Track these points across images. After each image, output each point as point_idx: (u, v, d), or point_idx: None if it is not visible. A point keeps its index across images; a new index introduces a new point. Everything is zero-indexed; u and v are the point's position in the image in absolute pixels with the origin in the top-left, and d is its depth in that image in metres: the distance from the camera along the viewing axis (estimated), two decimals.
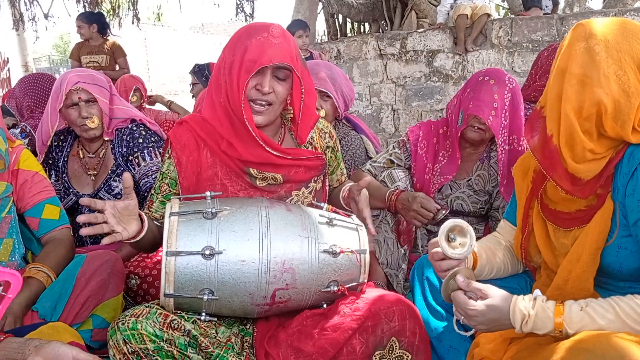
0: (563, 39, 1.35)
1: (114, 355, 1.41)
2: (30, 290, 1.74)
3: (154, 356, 1.40)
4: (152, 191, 1.78)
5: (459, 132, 2.25)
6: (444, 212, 2.10)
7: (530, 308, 1.29)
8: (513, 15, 6.74)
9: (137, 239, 1.53)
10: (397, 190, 2.21)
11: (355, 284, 1.58)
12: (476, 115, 2.17)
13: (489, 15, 5.65)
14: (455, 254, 1.43)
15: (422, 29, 6.27)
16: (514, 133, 2.21)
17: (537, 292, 1.33)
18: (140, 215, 1.54)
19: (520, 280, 1.68)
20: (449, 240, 1.45)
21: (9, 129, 2.87)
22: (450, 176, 2.31)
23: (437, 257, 1.48)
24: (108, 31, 6.00)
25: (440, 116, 5.86)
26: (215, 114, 1.69)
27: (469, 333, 1.52)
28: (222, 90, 1.65)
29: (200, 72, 4.36)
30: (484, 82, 2.20)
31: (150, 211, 1.75)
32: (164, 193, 1.74)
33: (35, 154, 2.49)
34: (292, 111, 1.78)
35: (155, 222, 1.72)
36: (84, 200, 1.46)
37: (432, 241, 1.52)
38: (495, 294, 1.34)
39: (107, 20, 6.20)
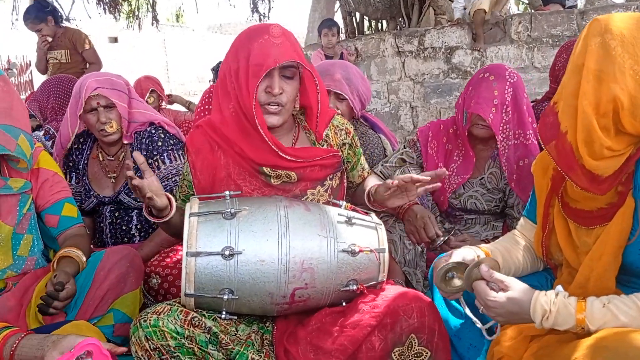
0: (579, 35, 1.34)
1: (136, 351, 1.43)
2: (73, 265, 1.81)
3: (175, 353, 1.42)
4: (176, 189, 1.87)
5: (465, 131, 2.25)
6: (441, 239, 2.09)
7: (551, 304, 1.28)
8: (532, 10, 6.66)
9: (169, 217, 1.61)
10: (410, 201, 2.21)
11: (374, 282, 1.58)
12: (477, 114, 2.17)
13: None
14: (447, 291, 1.48)
15: (440, 26, 6.23)
16: (520, 127, 2.20)
17: (559, 287, 1.32)
18: (167, 196, 1.61)
19: (540, 277, 1.67)
20: (446, 279, 1.47)
21: (32, 130, 2.91)
22: (467, 175, 2.30)
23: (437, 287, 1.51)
24: (61, 18, 5.00)
25: None
26: (223, 119, 1.70)
27: (493, 337, 1.51)
28: (230, 96, 1.66)
29: None
30: (483, 79, 2.20)
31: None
32: (184, 193, 1.81)
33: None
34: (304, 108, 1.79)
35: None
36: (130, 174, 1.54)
37: (435, 263, 1.54)
38: (517, 287, 1.33)
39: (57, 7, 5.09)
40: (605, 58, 1.24)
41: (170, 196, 1.63)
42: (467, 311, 1.49)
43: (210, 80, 4.59)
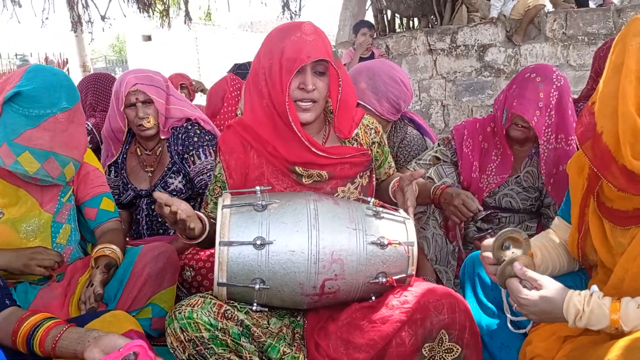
0: (619, 34, 1.32)
1: (172, 342, 1.46)
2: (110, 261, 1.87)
3: (209, 344, 1.45)
4: (207, 192, 1.84)
5: (504, 130, 2.22)
6: (483, 213, 2.07)
7: (585, 304, 1.26)
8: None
9: (201, 239, 1.60)
10: (443, 185, 2.19)
11: (403, 275, 1.58)
12: (520, 115, 2.13)
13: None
14: (498, 259, 1.44)
15: (473, 23, 6.17)
16: (562, 132, 2.15)
17: (594, 287, 1.30)
18: (199, 217, 1.59)
19: (575, 278, 1.65)
20: (502, 248, 1.45)
21: None
22: (506, 175, 2.27)
23: (488, 261, 1.48)
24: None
25: (491, 112, 5.76)
26: (255, 118, 1.72)
27: (522, 330, 1.50)
28: (263, 94, 1.68)
29: (244, 74, 4.24)
30: (530, 79, 2.15)
31: (206, 211, 1.81)
32: (217, 195, 1.80)
33: (95, 151, 2.61)
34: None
35: (213, 221, 1.76)
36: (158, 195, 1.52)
37: (484, 243, 1.51)
38: (550, 286, 1.32)
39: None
40: None
41: (203, 217, 1.60)
42: (503, 295, 1.47)
43: None
